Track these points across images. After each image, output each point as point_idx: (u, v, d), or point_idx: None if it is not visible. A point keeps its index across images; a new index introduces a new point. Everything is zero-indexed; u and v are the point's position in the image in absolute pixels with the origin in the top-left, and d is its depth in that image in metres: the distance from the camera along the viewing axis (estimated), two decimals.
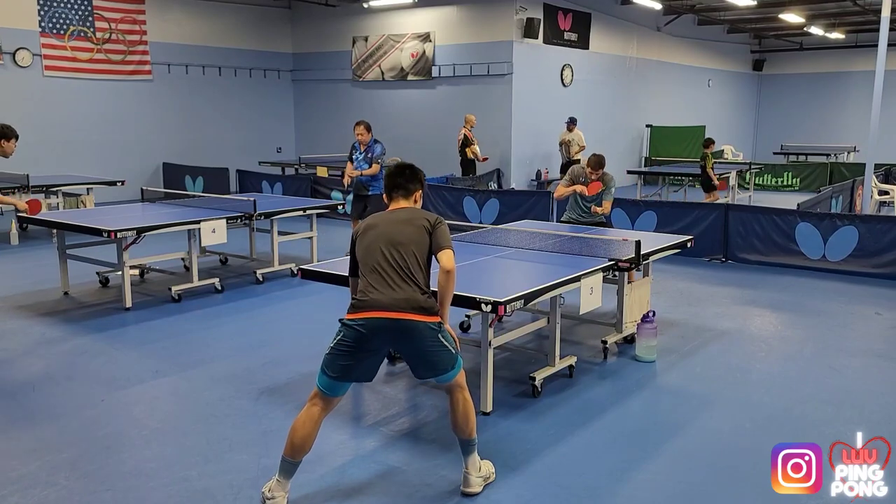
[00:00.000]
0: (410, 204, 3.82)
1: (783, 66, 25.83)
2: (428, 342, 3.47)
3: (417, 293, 3.49)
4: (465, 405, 3.64)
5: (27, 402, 4.76)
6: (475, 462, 3.64)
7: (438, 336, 3.50)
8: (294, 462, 3.47)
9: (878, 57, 10.71)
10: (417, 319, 3.44)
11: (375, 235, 3.65)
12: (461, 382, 3.66)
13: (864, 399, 4.92)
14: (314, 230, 8.69)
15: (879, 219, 8.79)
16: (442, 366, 3.54)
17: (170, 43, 15.81)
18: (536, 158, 16.10)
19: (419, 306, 3.46)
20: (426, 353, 3.50)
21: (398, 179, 3.83)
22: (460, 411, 3.63)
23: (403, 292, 3.48)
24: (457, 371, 3.61)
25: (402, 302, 3.45)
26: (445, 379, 3.59)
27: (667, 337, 6.07)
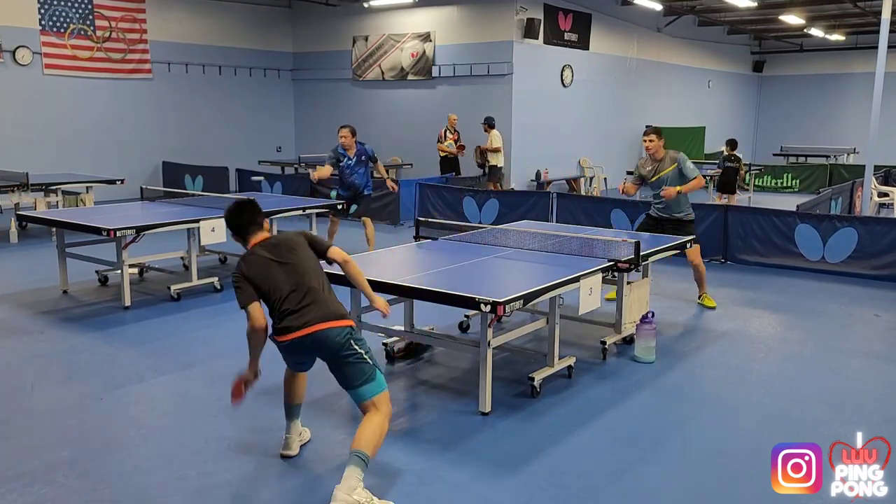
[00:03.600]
0: (267, 234, 3.90)
1: (783, 67, 25.83)
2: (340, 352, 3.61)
3: (330, 302, 3.70)
4: (378, 426, 3.53)
5: (26, 401, 4.76)
6: (349, 479, 3.34)
7: (350, 342, 3.61)
8: (291, 405, 4.02)
9: (878, 58, 10.71)
10: (335, 326, 3.62)
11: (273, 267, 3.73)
12: (379, 404, 3.59)
13: (863, 400, 4.92)
14: (314, 230, 8.68)
15: (879, 220, 8.79)
16: (355, 377, 3.59)
17: (170, 42, 15.81)
18: (536, 159, 16.09)
19: (335, 313, 3.66)
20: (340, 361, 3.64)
21: (248, 217, 3.87)
22: (369, 425, 3.52)
23: (319, 307, 3.66)
24: (376, 386, 3.59)
25: (324, 314, 3.64)
26: (362, 395, 3.58)
27: (666, 338, 6.07)
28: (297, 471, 3.80)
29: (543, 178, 16.07)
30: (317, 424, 4.37)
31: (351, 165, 8.88)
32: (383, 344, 5.53)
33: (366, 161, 8.97)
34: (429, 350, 5.70)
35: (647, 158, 7.01)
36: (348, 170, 8.89)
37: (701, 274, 7.08)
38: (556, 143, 16.57)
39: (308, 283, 3.70)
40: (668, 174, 6.82)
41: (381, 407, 3.60)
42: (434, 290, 4.39)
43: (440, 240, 6.12)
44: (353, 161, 8.86)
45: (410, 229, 8.38)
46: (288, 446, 3.98)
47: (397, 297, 5.21)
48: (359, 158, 8.89)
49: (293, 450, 3.98)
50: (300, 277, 3.71)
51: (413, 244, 6.04)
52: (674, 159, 6.81)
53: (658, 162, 6.90)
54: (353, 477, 3.36)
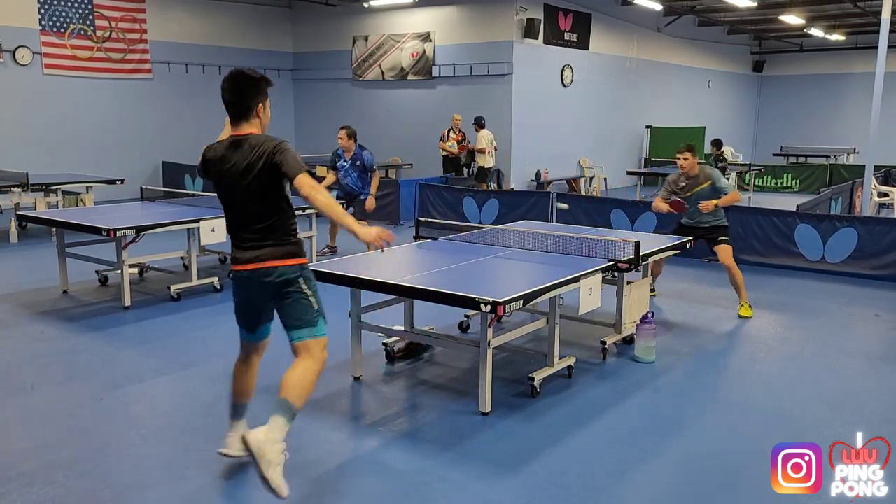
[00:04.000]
0: (253, 129, 3.48)
1: (783, 67, 25.83)
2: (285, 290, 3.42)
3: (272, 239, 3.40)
4: (305, 371, 3.39)
5: (26, 401, 4.76)
6: (274, 428, 3.24)
7: (299, 280, 3.43)
8: (237, 404, 3.77)
9: (878, 58, 10.71)
10: (278, 265, 3.39)
11: (223, 173, 3.44)
12: (314, 349, 3.45)
13: (863, 400, 4.92)
14: (314, 230, 8.69)
15: (879, 220, 8.79)
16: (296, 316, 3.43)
17: (170, 42, 15.81)
18: (536, 159, 16.09)
19: (277, 251, 3.39)
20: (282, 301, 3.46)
21: (230, 97, 3.43)
22: (295, 370, 3.39)
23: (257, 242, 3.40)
24: (314, 331, 3.45)
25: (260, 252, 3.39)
26: (298, 336, 3.45)
27: (666, 338, 6.07)
28: (296, 471, 3.79)
29: (543, 178, 16.08)
30: (316, 424, 4.37)
31: (345, 168, 8.90)
32: (383, 344, 5.53)
33: (360, 167, 8.89)
34: (429, 350, 5.70)
35: (681, 175, 6.93)
36: (342, 171, 8.93)
37: (736, 278, 6.81)
38: (556, 143, 16.58)
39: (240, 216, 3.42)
40: (702, 190, 6.78)
41: (314, 352, 3.45)
42: (434, 290, 4.39)
43: (440, 240, 6.12)
44: (348, 164, 8.88)
45: (410, 229, 8.38)
46: (228, 445, 3.78)
47: (397, 298, 5.22)
48: (353, 162, 8.87)
49: (233, 450, 3.76)
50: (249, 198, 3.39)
51: (413, 244, 6.04)
52: (708, 176, 6.79)
53: (692, 179, 6.85)
54: (278, 429, 3.24)
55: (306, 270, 3.53)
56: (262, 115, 3.52)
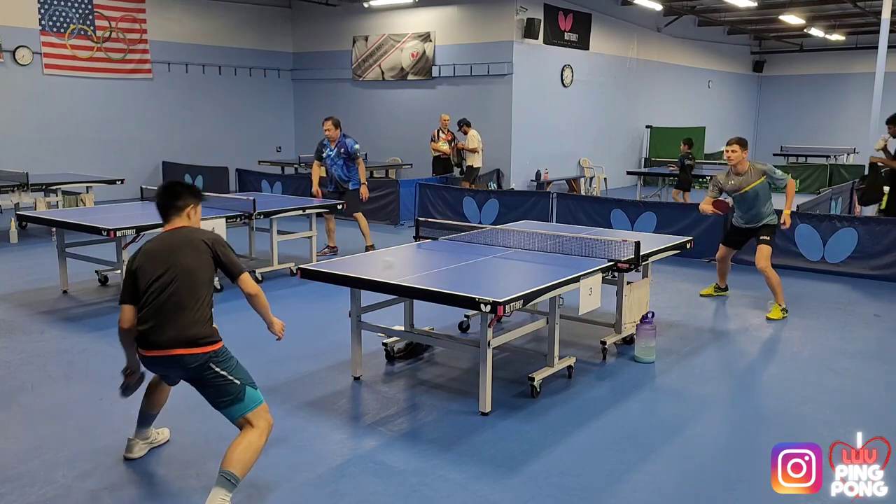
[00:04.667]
0: (185, 222, 3.66)
1: (783, 67, 25.83)
2: (199, 374, 3.42)
3: (190, 324, 3.40)
4: (250, 445, 3.35)
5: (26, 401, 4.76)
6: (213, 501, 3.21)
7: (209, 364, 3.40)
8: (147, 413, 3.88)
9: (878, 59, 10.72)
10: (188, 353, 3.38)
11: (156, 263, 3.48)
12: (253, 420, 3.41)
13: (863, 400, 4.92)
14: (314, 230, 8.69)
15: (878, 221, 8.78)
16: (221, 397, 3.42)
17: (170, 42, 15.81)
18: (536, 159, 16.09)
19: (193, 338, 3.39)
20: (200, 384, 3.47)
21: (166, 199, 3.67)
22: (240, 443, 3.35)
23: (177, 326, 3.39)
24: (245, 406, 3.41)
25: (175, 337, 3.38)
26: (232, 414, 3.43)
27: (666, 338, 6.07)
28: (296, 472, 3.80)
29: (543, 179, 16.08)
30: (316, 424, 4.37)
31: (331, 157, 9.04)
32: (383, 344, 5.53)
33: (345, 154, 9.05)
34: (429, 350, 5.70)
35: (729, 172, 6.75)
36: (329, 161, 9.06)
37: (770, 281, 6.65)
38: (556, 143, 16.58)
39: (178, 295, 3.42)
40: (756, 187, 6.63)
41: (256, 422, 3.42)
42: (434, 290, 4.39)
43: (440, 240, 6.12)
44: (333, 153, 9.04)
45: (410, 229, 8.38)
46: (129, 449, 3.87)
47: (397, 298, 5.22)
48: (338, 151, 9.03)
49: (134, 453, 3.86)
50: (173, 285, 3.43)
51: (413, 244, 6.04)
52: (762, 171, 6.63)
53: (741, 175, 6.65)
54: (219, 499, 3.21)
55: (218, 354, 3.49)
56: (193, 216, 3.75)
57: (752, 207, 6.80)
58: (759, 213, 6.81)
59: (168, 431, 4.12)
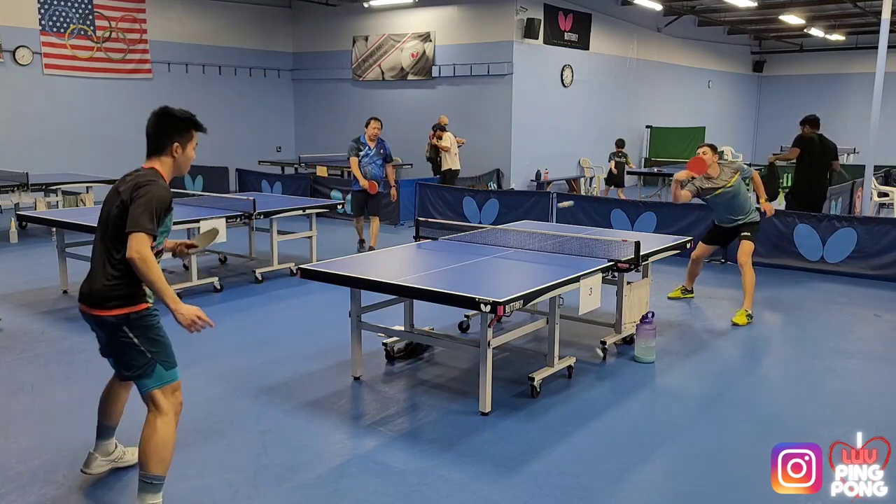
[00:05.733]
0: (156, 164, 3.27)
1: (783, 67, 25.82)
2: (113, 336, 3.17)
3: (100, 283, 3.13)
4: (155, 433, 3.14)
5: (26, 401, 4.76)
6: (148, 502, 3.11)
7: (123, 328, 3.14)
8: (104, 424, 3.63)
9: (878, 59, 10.71)
10: (99, 314, 3.14)
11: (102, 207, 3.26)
12: (159, 400, 3.19)
13: (863, 400, 4.92)
14: (314, 230, 8.69)
15: (878, 220, 8.79)
16: (126, 365, 3.20)
17: (170, 42, 15.81)
18: (536, 159, 16.10)
19: (101, 297, 3.12)
20: (112, 348, 3.23)
21: (148, 131, 3.33)
22: (145, 435, 3.16)
23: (91, 282, 3.17)
24: (152, 381, 3.18)
25: (89, 294, 3.17)
26: (139, 387, 3.22)
27: (666, 338, 6.07)
28: (296, 472, 3.80)
29: (543, 178, 16.08)
30: (316, 424, 4.37)
31: (370, 156, 9.26)
32: (383, 344, 5.53)
33: (383, 155, 9.37)
34: (429, 350, 5.70)
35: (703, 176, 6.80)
36: (367, 159, 9.25)
37: (745, 279, 6.66)
38: (556, 143, 16.58)
39: (97, 248, 3.19)
40: (734, 185, 6.68)
41: (160, 403, 3.18)
42: (434, 290, 4.39)
43: (440, 240, 6.12)
44: (373, 152, 9.26)
45: (410, 229, 8.39)
46: (87, 464, 3.62)
47: (397, 298, 5.22)
48: (378, 151, 9.30)
49: (92, 468, 3.61)
50: (97, 235, 3.21)
51: (413, 244, 6.04)
52: (734, 169, 6.72)
53: (714, 178, 6.71)
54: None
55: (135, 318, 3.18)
56: (179, 155, 3.36)
57: (731, 206, 6.82)
58: (740, 211, 6.82)
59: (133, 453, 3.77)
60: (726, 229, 7.00)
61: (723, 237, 7.17)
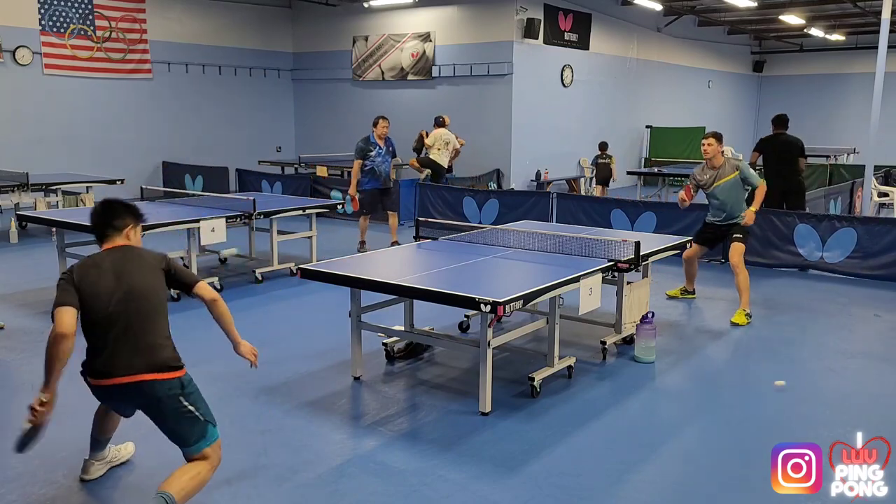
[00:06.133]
0: (125, 241, 3.42)
1: (783, 67, 25.83)
2: (168, 405, 3.20)
3: (159, 349, 3.23)
4: (199, 475, 3.22)
5: (26, 401, 4.75)
6: None
7: (179, 398, 3.20)
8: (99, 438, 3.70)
9: (878, 59, 10.70)
10: (158, 379, 3.18)
11: (106, 281, 3.22)
12: (209, 455, 3.28)
13: (863, 400, 4.92)
14: (314, 230, 8.69)
15: (878, 220, 8.79)
16: (185, 434, 3.24)
17: (170, 42, 15.81)
18: (536, 159, 16.09)
19: (163, 363, 3.20)
20: (166, 418, 3.24)
21: (104, 218, 3.42)
22: (189, 471, 3.21)
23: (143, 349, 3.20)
24: (207, 441, 3.27)
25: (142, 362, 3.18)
26: (193, 452, 3.27)
27: (666, 338, 6.07)
28: (296, 472, 3.80)
29: (543, 179, 16.08)
30: (316, 424, 4.37)
31: (382, 154, 9.35)
32: (383, 344, 5.53)
33: (392, 151, 9.54)
34: (429, 350, 5.70)
35: (704, 166, 6.87)
36: (380, 158, 9.34)
37: (739, 279, 6.67)
38: (556, 143, 16.58)
39: (139, 317, 3.21)
40: (728, 182, 6.71)
41: (210, 457, 3.30)
42: (434, 290, 4.39)
43: (440, 240, 6.12)
44: (384, 150, 9.38)
45: (410, 229, 8.38)
46: (86, 470, 3.68)
47: (397, 298, 5.22)
48: (387, 148, 9.45)
49: (90, 473, 3.67)
50: (132, 305, 3.21)
51: (413, 244, 6.05)
52: (735, 166, 6.74)
53: (716, 169, 6.75)
54: None
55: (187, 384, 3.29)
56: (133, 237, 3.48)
57: (725, 203, 6.83)
58: (733, 209, 6.83)
59: (132, 446, 3.96)
60: (717, 227, 7.00)
61: (714, 237, 7.14)
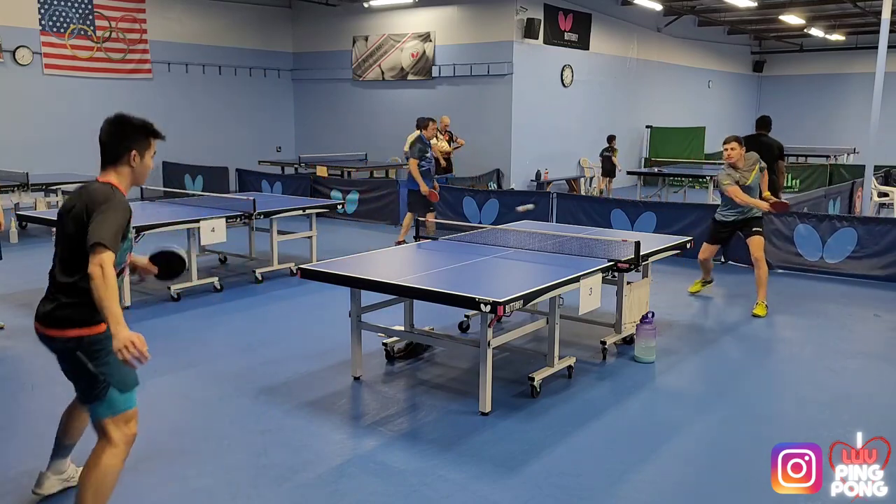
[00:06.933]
0: (111, 178, 3.07)
1: (783, 67, 25.83)
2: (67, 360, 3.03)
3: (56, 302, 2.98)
4: (98, 464, 2.93)
5: (26, 401, 4.76)
6: None
7: (76, 354, 2.97)
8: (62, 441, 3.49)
9: (878, 59, 10.71)
10: (53, 335, 2.99)
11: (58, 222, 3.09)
12: (110, 430, 2.97)
13: (863, 400, 4.92)
14: (314, 230, 8.69)
15: (878, 220, 8.79)
16: (81, 389, 3.03)
17: (170, 42, 15.81)
18: (536, 159, 16.10)
19: (54, 318, 2.97)
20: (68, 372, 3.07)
21: (102, 139, 3.11)
22: (88, 464, 2.97)
23: (47, 302, 3.02)
24: (105, 409, 2.97)
25: (45, 314, 3.01)
26: (91, 412, 3.02)
27: (666, 338, 6.07)
28: (296, 472, 3.80)
29: (543, 179, 16.08)
30: (316, 424, 4.37)
31: (429, 156, 9.52)
32: (383, 344, 5.53)
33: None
34: (429, 350, 5.70)
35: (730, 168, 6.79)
36: (431, 158, 9.52)
37: (760, 272, 6.78)
38: (556, 143, 16.58)
39: (55, 266, 3.04)
40: (756, 176, 6.80)
41: (111, 434, 2.97)
42: (434, 290, 4.39)
43: (440, 240, 6.12)
44: (430, 153, 9.55)
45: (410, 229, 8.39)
46: (39, 484, 3.45)
47: (397, 298, 5.22)
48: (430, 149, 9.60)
49: (44, 488, 3.44)
50: (56, 252, 3.05)
51: (413, 244, 6.05)
52: (755, 160, 6.82)
53: (742, 170, 6.79)
54: None
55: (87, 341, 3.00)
56: (137, 164, 3.17)
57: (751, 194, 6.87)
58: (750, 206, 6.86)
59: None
60: (729, 224, 7.02)
61: (726, 235, 7.23)
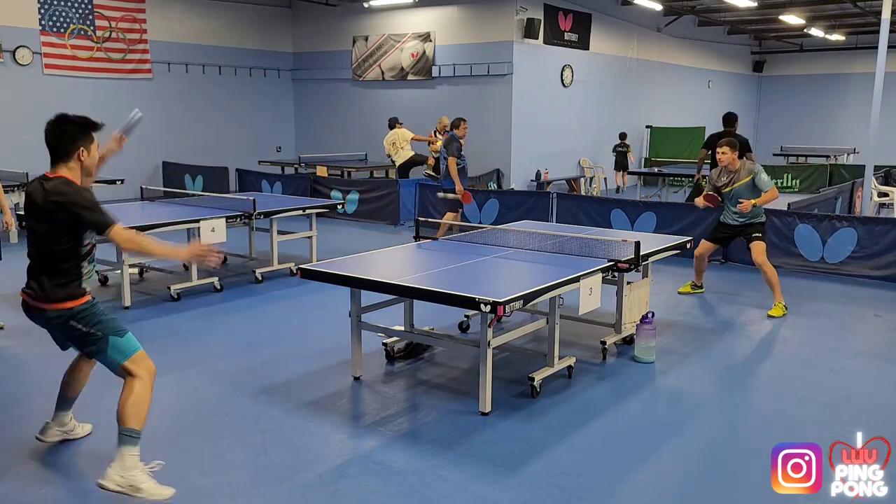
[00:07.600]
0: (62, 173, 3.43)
1: (783, 67, 25.83)
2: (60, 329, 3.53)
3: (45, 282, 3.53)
4: (132, 393, 3.46)
5: (26, 401, 4.76)
6: (123, 458, 3.37)
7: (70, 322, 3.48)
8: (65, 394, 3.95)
9: (878, 59, 10.71)
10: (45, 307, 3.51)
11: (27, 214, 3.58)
12: (131, 369, 3.51)
13: (863, 400, 4.92)
14: (314, 230, 8.69)
15: (878, 220, 8.79)
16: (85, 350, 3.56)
17: (170, 42, 15.81)
18: (536, 159, 16.10)
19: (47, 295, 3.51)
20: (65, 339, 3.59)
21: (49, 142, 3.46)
22: (123, 396, 3.48)
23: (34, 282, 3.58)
24: (116, 355, 3.50)
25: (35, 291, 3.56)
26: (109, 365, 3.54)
27: (666, 338, 6.07)
28: (296, 472, 3.80)
29: (543, 179, 16.08)
30: (316, 424, 4.37)
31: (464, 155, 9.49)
32: (383, 344, 5.53)
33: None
34: (429, 350, 5.70)
35: (722, 170, 6.99)
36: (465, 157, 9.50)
37: (768, 276, 6.87)
38: (556, 143, 16.58)
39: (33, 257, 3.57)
40: (743, 185, 6.83)
41: (133, 370, 3.49)
42: (434, 290, 4.39)
43: (440, 240, 6.12)
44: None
45: (410, 229, 8.39)
46: (43, 431, 3.92)
47: (397, 298, 5.22)
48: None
49: (47, 436, 3.92)
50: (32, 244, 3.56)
51: (413, 244, 6.05)
52: (750, 171, 6.85)
53: (733, 173, 6.90)
54: (127, 455, 3.34)
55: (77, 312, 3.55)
56: (85, 158, 3.55)
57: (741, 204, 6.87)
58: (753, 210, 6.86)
59: (90, 427, 4.15)
60: (732, 227, 7.07)
61: (727, 237, 7.24)
